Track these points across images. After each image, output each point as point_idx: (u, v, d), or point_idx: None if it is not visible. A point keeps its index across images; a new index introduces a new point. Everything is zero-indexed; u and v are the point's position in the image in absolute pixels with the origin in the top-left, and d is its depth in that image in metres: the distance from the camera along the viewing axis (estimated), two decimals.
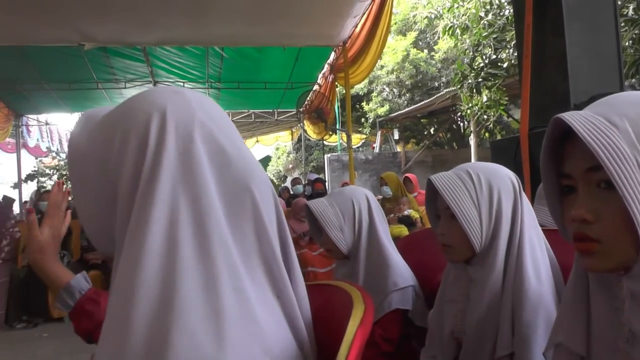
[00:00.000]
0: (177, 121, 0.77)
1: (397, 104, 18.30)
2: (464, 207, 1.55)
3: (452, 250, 1.63)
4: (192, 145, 0.76)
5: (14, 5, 5.76)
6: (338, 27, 6.73)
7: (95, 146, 0.81)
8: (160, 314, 0.66)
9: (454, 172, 1.63)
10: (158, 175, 0.73)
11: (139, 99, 0.82)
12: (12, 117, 11.63)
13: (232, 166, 0.78)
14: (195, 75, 9.72)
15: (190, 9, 5.94)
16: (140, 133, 0.76)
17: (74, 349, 5.41)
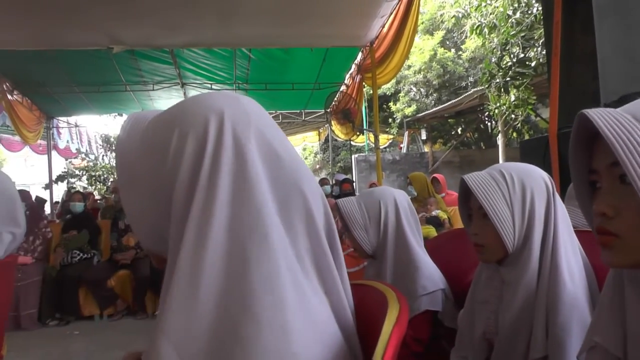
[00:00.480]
0: (234, 123, 0.79)
1: (425, 103, 18.23)
2: (496, 207, 1.54)
3: (485, 250, 1.62)
4: (248, 147, 0.77)
5: (45, 11, 5.86)
6: (365, 28, 6.72)
7: (149, 148, 0.82)
8: (227, 307, 0.69)
9: (487, 172, 1.62)
10: (218, 176, 0.75)
11: (195, 102, 0.83)
12: (43, 120, 11.83)
13: (285, 168, 0.80)
14: (222, 76, 9.77)
15: (217, 11, 5.98)
16: (198, 134, 0.78)
17: (104, 346, 5.48)
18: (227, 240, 0.72)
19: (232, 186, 0.74)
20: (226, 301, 0.69)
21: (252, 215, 0.73)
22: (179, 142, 0.78)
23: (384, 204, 2.23)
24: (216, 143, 0.77)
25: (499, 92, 9.96)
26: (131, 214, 0.88)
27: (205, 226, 0.72)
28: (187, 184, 0.76)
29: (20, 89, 10.01)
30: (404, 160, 17.36)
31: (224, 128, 0.78)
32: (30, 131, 10.89)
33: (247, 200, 0.74)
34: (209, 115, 0.79)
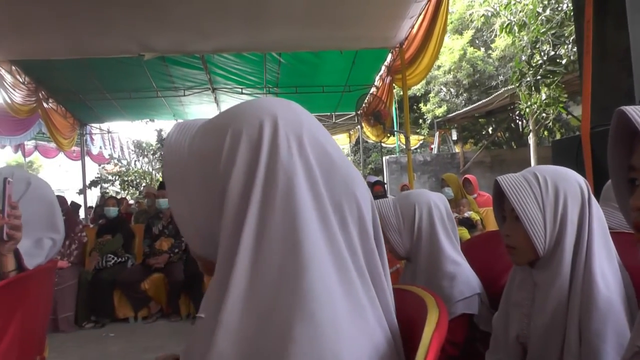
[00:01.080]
0: (288, 126, 0.80)
1: (455, 104, 18.10)
2: (528, 209, 1.53)
3: (516, 252, 1.62)
4: (302, 149, 0.78)
5: (79, 21, 5.99)
6: (395, 29, 6.71)
7: (201, 152, 0.84)
8: (283, 308, 0.70)
9: (521, 174, 1.62)
10: (274, 178, 0.76)
11: (248, 106, 0.85)
12: (77, 127, 12.05)
13: (338, 171, 0.80)
14: (253, 81, 9.83)
15: (247, 16, 6.03)
16: (252, 137, 0.79)
17: (140, 348, 5.55)
18: (284, 243, 0.72)
19: (288, 189, 0.75)
20: (282, 302, 0.70)
21: (311, 218, 0.74)
22: (232, 145, 0.79)
23: (419, 207, 2.23)
24: (271, 146, 0.78)
25: (529, 90, 9.84)
26: (180, 217, 0.89)
27: (264, 230, 0.73)
28: (241, 187, 0.77)
29: (55, 97, 10.22)
30: (434, 161, 17.27)
31: (278, 131, 0.79)
32: (65, 138, 11.10)
33: (302, 202, 0.74)
34: (263, 119, 0.80)
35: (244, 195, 0.76)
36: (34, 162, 26.29)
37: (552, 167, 1.63)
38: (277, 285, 0.71)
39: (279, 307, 0.70)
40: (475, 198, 7.47)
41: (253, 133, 0.79)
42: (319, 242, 0.73)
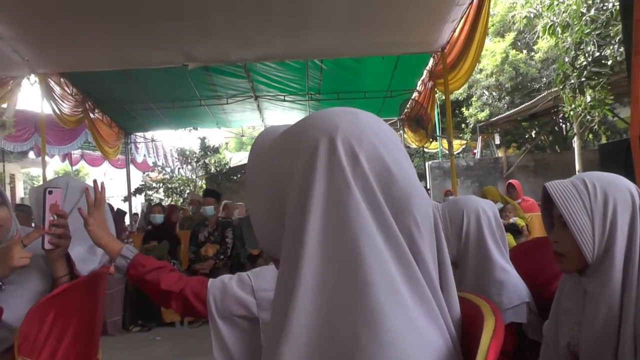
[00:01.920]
0: (346, 140, 0.80)
1: (497, 107, 17.86)
2: (576, 216, 1.52)
3: (564, 259, 1.61)
4: (359, 165, 0.78)
5: (124, 33, 6.12)
6: (436, 33, 6.66)
7: (269, 159, 0.87)
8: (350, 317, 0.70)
9: (569, 180, 1.61)
10: (330, 194, 0.76)
11: (315, 117, 0.86)
12: (121, 136, 12.30)
13: (396, 187, 0.79)
14: (295, 88, 9.89)
15: (289, 24, 6.07)
16: (309, 151, 0.80)
17: (186, 351, 5.63)
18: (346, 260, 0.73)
19: (344, 206, 0.75)
20: (348, 314, 0.70)
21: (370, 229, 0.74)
22: (291, 157, 0.81)
23: (467, 214, 2.22)
24: (328, 161, 0.78)
25: (574, 93, 9.68)
26: (253, 219, 0.93)
27: (324, 250, 0.74)
28: (298, 199, 0.78)
29: (100, 108, 10.44)
30: (477, 166, 17.06)
31: (336, 144, 0.79)
32: (111, 147, 11.32)
33: (360, 217, 0.75)
34: (322, 131, 0.81)
35: (300, 211, 0.77)
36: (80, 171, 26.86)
37: (601, 174, 1.61)
38: (342, 299, 0.71)
39: (346, 320, 0.70)
40: (519, 203, 7.37)
41: (310, 148, 0.80)
42: (382, 254, 0.73)
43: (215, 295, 1.78)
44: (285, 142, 0.85)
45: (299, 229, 0.76)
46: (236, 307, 1.76)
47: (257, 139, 0.96)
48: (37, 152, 13.64)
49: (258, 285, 1.78)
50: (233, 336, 1.77)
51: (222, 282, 1.82)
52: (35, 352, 1.68)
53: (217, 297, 1.77)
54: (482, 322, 0.81)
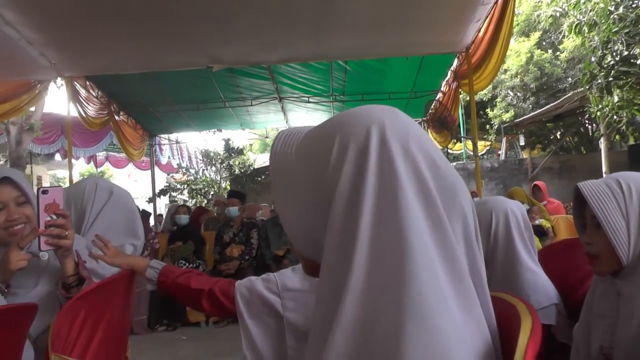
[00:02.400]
0: (395, 133, 0.81)
1: (522, 108, 17.70)
2: (610, 217, 1.50)
3: (598, 261, 1.58)
4: (410, 156, 0.79)
5: (149, 36, 6.18)
6: (461, 33, 6.62)
7: (308, 157, 0.87)
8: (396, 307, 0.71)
9: (603, 180, 1.59)
10: (383, 184, 0.77)
11: (355, 113, 0.87)
12: (146, 137, 12.42)
13: (444, 177, 0.81)
14: (319, 89, 9.89)
15: (313, 26, 6.07)
16: (359, 143, 0.80)
17: (211, 351, 5.66)
18: (397, 249, 0.73)
19: (397, 196, 0.76)
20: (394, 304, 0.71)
21: (420, 222, 0.75)
22: (339, 151, 0.81)
23: (496, 215, 2.20)
24: (379, 153, 0.79)
25: (601, 93, 9.53)
26: (287, 220, 0.93)
27: (377, 237, 0.75)
28: (349, 195, 0.78)
29: (125, 110, 10.54)
30: (502, 167, 16.94)
31: (386, 138, 0.80)
32: (135, 149, 11.43)
33: (412, 208, 0.75)
34: (371, 125, 0.82)
35: (352, 203, 0.78)
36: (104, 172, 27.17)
37: (635, 174, 1.59)
38: (390, 288, 0.72)
39: (392, 309, 0.71)
40: (545, 205, 7.31)
41: (360, 141, 0.81)
42: (429, 245, 0.74)
43: (242, 293, 1.81)
44: (328, 135, 0.85)
45: (351, 220, 0.77)
46: (262, 305, 1.79)
47: (278, 141, 0.96)
48: (63, 154, 13.88)
49: (284, 285, 1.80)
50: (260, 333, 1.80)
51: (250, 281, 1.86)
52: (67, 349, 1.70)
53: (244, 295, 1.81)
54: (517, 321, 0.81)
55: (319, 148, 0.85)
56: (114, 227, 2.52)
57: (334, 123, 0.87)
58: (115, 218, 2.55)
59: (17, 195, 2.05)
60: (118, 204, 2.58)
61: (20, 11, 5.43)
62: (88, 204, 2.52)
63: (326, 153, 0.83)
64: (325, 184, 0.82)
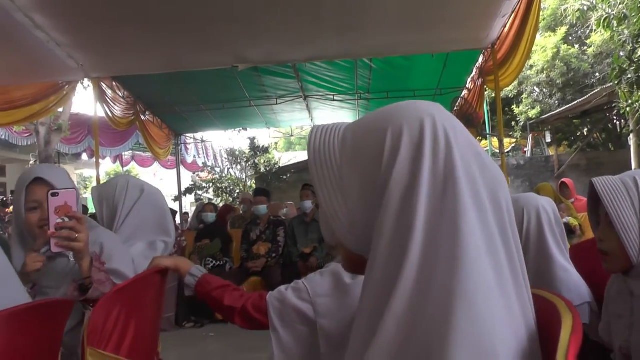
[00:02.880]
0: (445, 124, 0.83)
1: (548, 104, 17.52)
2: (622, 214, 1.50)
3: (609, 258, 1.59)
4: (460, 148, 0.81)
5: (175, 36, 6.24)
6: (487, 29, 6.57)
7: (359, 151, 0.88)
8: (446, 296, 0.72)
9: (619, 177, 1.58)
10: (438, 176, 0.79)
11: (403, 107, 0.89)
12: (172, 137, 12.51)
13: (488, 169, 0.83)
14: (344, 87, 9.86)
15: (339, 24, 6.07)
16: (414, 135, 0.82)
17: (239, 348, 5.68)
18: (449, 239, 0.75)
19: (451, 188, 0.78)
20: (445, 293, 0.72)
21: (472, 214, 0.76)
22: (393, 145, 0.83)
23: (527, 212, 2.19)
24: (433, 145, 0.80)
25: (630, 88, 9.40)
26: (333, 214, 0.92)
27: (432, 227, 0.76)
28: (405, 186, 0.80)
29: (151, 110, 10.64)
30: (528, 164, 16.78)
31: (438, 131, 0.82)
32: (161, 148, 11.54)
33: (464, 200, 0.77)
34: (423, 118, 0.83)
35: (408, 194, 0.79)
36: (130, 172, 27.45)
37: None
38: (441, 279, 0.73)
39: (442, 298, 0.72)
40: (572, 203, 7.22)
41: (414, 132, 0.82)
42: (479, 239, 0.75)
43: (274, 306, 1.83)
44: (377, 128, 0.87)
45: (407, 211, 0.78)
46: (295, 315, 1.80)
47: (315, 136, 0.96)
48: (90, 154, 14.07)
49: (314, 291, 1.81)
50: (293, 342, 1.82)
51: (280, 292, 1.87)
52: (102, 343, 1.72)
53: (276, 307, 1.82)
54: (557, 318, 0.81)
55: (369, 142, 0.87)
56: (145, 224, 2.57)
57: (383, 117, 0.89)
58: (147, 215, 2.60)
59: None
60: (149, 201, 2.63)
61: (49, 15, 5.53)
62: (120, 202, 2.57)
63: (378, 146, 0.84)
64: (377, 178, 0.84)
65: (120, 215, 2.55)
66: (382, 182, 0.83)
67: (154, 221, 2.61)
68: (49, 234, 1.93)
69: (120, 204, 2.57)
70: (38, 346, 1.50)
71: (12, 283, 1.52)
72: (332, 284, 1.81)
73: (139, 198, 2.60)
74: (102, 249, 2.14)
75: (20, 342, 1.39)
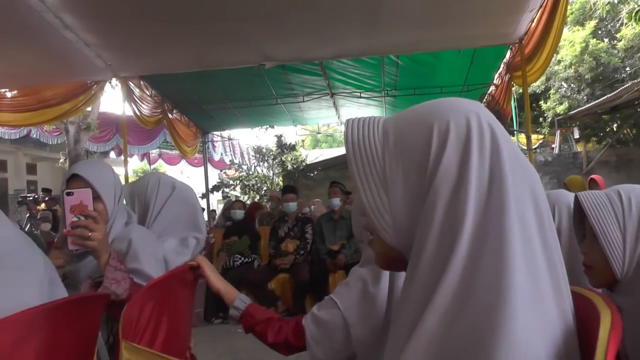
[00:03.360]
0: (489, 121, 0.85)
1: (577, 100, 17.28)
2: (606, 229, 1.50)
3: (593, 272, 1.60)
4: (504, 145, 0.83)
5: (203, 35, 6.30)
6: (514, 24, 6.50)
7: (403, 145, 0.89)
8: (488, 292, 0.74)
9: (604, 192, 1.60)
10: (485, 172, 0.80)
11: (447, 103, 0.90)
12: (199, 135, 12.63)
13: (526, 166, 0.84)
14: (371, 84, 9.84)
15: (366, 21, 6.07)
16: (460, 131, 0.84)
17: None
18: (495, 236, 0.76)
19: (498, 185, 0.79)
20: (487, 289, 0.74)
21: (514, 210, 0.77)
22: (440, 138, 0.84)
23: (559, 209, 2.16)
24: (480, 139, 0.82)
25: None
26: (375, 208, 0.92)
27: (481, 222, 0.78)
28: (452, 181, 0.81)
29: (179, 108, 10.76)
30: (556, 161, 16.58)
31: (484, 126, 0.83)
32: (189, 146, 11.64)
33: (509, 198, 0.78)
34: (469, 114, 0.85)
35: (456, 189, 0.81)
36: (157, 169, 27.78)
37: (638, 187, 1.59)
38: (487, 275, 0.74)
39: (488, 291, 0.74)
40: None
41: (461, 128, 0.84)
42: (518, 237, 0.76)
43: (310, 329, 1.85)
44: (423, 125, 0.88)
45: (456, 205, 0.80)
46: (329, 331, 1.83)
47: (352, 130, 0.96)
48: (118, 152, 14.26)
49: (344, 304, 1.84)
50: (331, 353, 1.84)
51: (312, 314, 1.90)
52: (136, 337, 1.75)
53: (312, 329, 1.85)
54: (595, 315, 0.81)
55: (415, 137, 0.88)
56: (177, 220, 2.61)
57: (427, 112, 0.90)
58: (178, 212, 2.63)
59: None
60: (180, 198, 2.66)
61: (78, 15, 5.63)
62: (151, 199, 2.61)
63: (425, 141, 0.86)
64: (423, 173, 0.85)
65: (152, 212, 2.59)
66: (428, 176, 0.84)
67: (185, 218, 2.65)
68: (65, 232, 1.99)
69: (152, 201, 2.60)
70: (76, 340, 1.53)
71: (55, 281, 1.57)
72: (359, 293, 1.84)
73: (170, 195, 2.64)
74: (130, 246, 2.16)
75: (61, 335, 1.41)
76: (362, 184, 0.92)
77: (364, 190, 0.92)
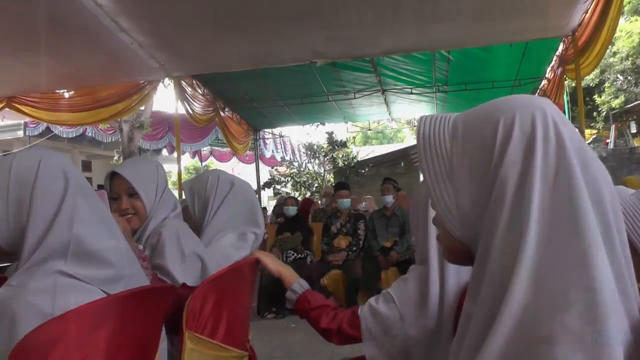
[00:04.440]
0: (555, 117, 0.87)
1: (634, 93, 16.78)
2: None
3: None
4: (571, 141, 0.85)
5: (254, 36, 6.42)
6: (567, 16, 6.36)
7: (470, 140, 0.92)
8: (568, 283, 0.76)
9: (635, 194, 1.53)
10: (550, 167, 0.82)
11: (516, 99, 0.93)
12: (250, 132, 12.83)
13: (594, 163, 0.85)
14: (422, 80, 9.80)
15: (416, 17, 6.06)
16: (525, 127, 0.86)
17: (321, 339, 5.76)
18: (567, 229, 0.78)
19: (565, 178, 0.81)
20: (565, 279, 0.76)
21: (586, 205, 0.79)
22: (505, 135, 0.86)
23: None
24: (544, 134, 0.84)
25: None
26: (443, 203, 0.95)
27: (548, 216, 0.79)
28: (517, 176, 0.83)
29: (230, 106, 10.93)
30: (611, 157, 16.07)
31: (549, 121, 0.85)
32: (240, 143, 11.81)
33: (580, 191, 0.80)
34: (535, 110, 0.87)
35: (521, 182, 0.83)
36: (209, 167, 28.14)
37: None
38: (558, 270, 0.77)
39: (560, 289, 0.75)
40: None
41: (526, 123, 0.86)
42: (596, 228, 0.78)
43: (366, 319, 1.88)
44: (489, 121, 0.90)
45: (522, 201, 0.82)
46: (385, 326, 1.85)
47: (424, 126, 0.98)
48: (170, 150, 14.53)
49: (400, 299, 1.86)
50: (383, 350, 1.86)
51: (370, 305, 1.92)
52: (199, 328, 1.81)
53: (368, 320, 1.87)
54: None
55: (481, 131, 0.90)
56: (236, 216, 2.68)
57: (494, 107, 0.92)
58: (237, 208, 2.69)
59: (127, 187, 2.24)
60: (239, 194, 2.73)
61: (133, 18, 5.84)
62: (211, 195, 2.68)
63: (490, 135, 0.88)
64: (488, 167, 0.87)
65: (211, 208, 2.66)
66: (493, 168, 0.86)
67: (244, 213, 2.71)
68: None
69: (212, 197, 2.67)
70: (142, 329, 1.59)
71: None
72: (416, 291, 1.85)
73: (229, 191, 2.70)
74: (158, 241, 2.20)
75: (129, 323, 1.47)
76: (430, 180, 0.95)
77: (432, 185, 0.95)
